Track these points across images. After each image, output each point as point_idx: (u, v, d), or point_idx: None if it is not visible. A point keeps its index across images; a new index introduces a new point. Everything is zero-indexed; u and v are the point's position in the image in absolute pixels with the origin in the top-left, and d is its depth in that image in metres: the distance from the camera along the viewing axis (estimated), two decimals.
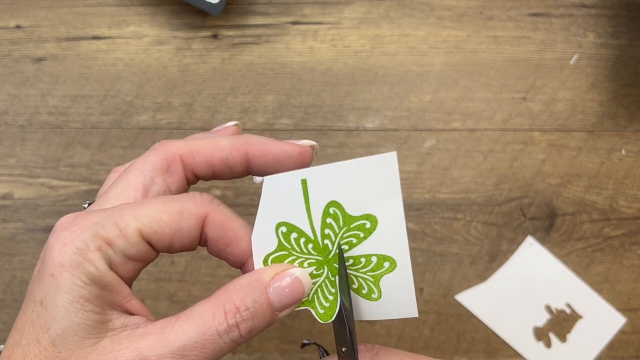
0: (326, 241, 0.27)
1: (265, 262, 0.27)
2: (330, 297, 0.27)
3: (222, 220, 0.26)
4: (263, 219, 0.27)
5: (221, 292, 0.25)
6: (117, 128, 0.50)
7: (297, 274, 0.26)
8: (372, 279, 0.27)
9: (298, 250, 0.27)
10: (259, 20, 0.51)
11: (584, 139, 0.50)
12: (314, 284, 0.27)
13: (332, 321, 0.27)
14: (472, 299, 0.48)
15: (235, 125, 0.30)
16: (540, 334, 0.48)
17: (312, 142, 0.29)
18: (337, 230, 0.26)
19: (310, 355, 0.48)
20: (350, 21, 0.51)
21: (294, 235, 0.27)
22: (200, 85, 0.50)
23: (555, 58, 0.51)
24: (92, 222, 0.24)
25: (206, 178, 0.29)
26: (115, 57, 0.50)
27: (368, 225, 0.26)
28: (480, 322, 0.48)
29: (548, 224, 0.49)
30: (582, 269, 0.49)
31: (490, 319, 0.48)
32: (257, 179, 0.28)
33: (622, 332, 0.48)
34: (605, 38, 0.51)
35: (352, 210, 0.26)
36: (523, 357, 0.48)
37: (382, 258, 0.26)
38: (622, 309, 0.48)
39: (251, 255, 0.27)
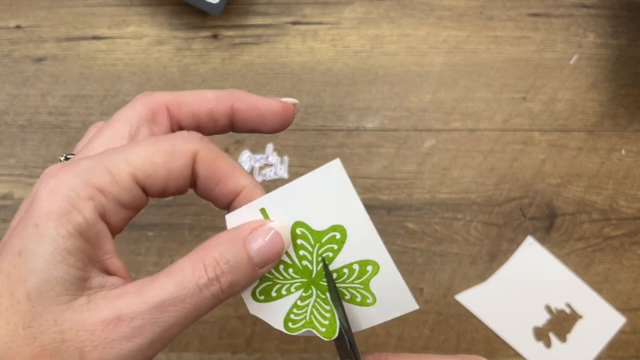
0: (304, 262, 0.27)
1: (253, 296, 0.27)
2: (327, 314, 0.27)
3: (213, 158, 0.25)
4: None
5: (200, 248, 0.24)
6: None
7: (276, 227, 0.25)
8: (361, 286, 0.27)
9: (281, 277, 0.27)
10: (259, 20, 0.51)
11: (584, 139, 0.50)
12: (306, 305, 0.27)
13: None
14: (472, 299, 0.48)
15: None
16: (540, 334, 0.48)
17: (295, 100, 0.29)
18: (310, 249, 0.26)
19: (310, 355, 0.48)
20: (350, 21, 0.51)
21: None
22: (200, 85, 0.50)
23: (555, 58, 0.51)
24: (82, 168, 0.23)
25: (189, 129, 0.28)
26: (115, 57, 0.50)
27: (338, 236, 0.26)
28: (480, 322, 0.48)
29: (548, 224, 0.49)
30: (582, 269, 0.49)
31: (490, 319, 0.48)
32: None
33: (622, 332, 0.48)
34: (605, 38, 0.51)
35: (318, 225, 0.26)
36: (523, 357, 0.48)
37: (363, 263, 0.26)
38: (622, 309, 0.48)
39: (238, 194, 0.26)
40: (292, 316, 0.27)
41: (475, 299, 0.48)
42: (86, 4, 0.51)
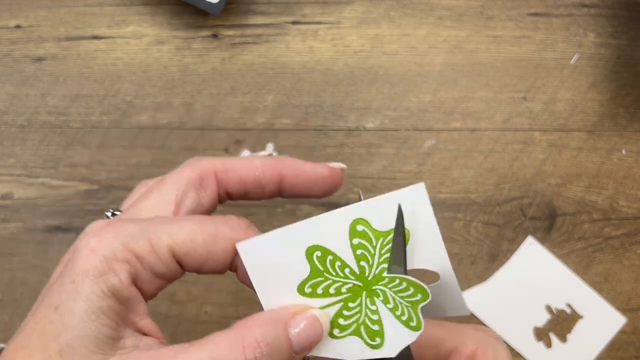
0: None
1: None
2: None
3: None
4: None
5: (240, 325, 0.24)
6: (117, 128, 0.50)
7: (317, 314, 0.25)
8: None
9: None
10: (259, 20, 0.51)
11: (584, 139, 0.50)
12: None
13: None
14: (472, 299, 0.48)
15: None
16: (541, 334, 0.48)
17: (342, 165, 0.29)
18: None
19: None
20: (350, 21, 0.51)
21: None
22: (200, 85, 0.50)
23: (555, 58, 0.51)
24: (125, 232, 0.24)
25: (237, 197, 0.28)
26: (115, 56, 0.50)
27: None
28: (480, 322, 0.48)
29: (548, 224, 0.49)
30: (583, 269, 0.49)
31: (490, 319, 0.48)
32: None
33: (622, 332, 0.48)
34: (606, 38, 0.51)
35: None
36: (523, 357, 0.48)
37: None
38: (622, 309, 0.48)
39: None
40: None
41: (476, 299, 0.48)
42: (86, 4, 0.51)
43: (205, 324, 0.47)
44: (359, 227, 0.25)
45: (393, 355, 0.25)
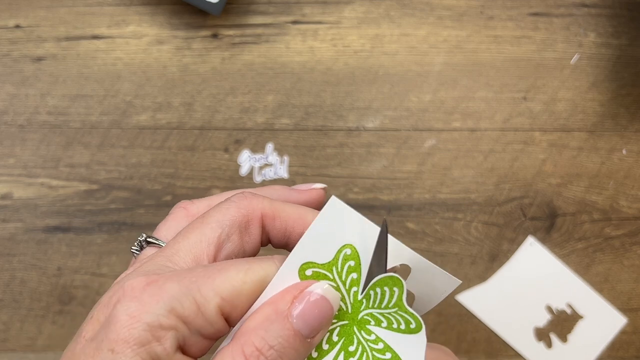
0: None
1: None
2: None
3: None
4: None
5: (239, 333, 0.22)
6: (116, 128, 0.50)
7: (319, 291, 0.23)
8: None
9: (341, 282, 0.24)
10: (259, 19, 0.51)
11: (585, 139, 0.50)
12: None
13: None
14: (473, 299, 0.48)
15: (323, 189, 0.28)
16: (541, 334, 0.48)
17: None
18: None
19: None
20: (351, 21, 0.51)
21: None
22: (200, 85, 0.50)
23: (555, 58, 0.51)
24: (169, 294, 0.21)
25: (277, 245, 0.26)
26: (115, 56, 0.50)
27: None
28: (480, 322, 0.48)
29: (549, 224, 0.49)
30: (583, 269, 0.49)
31: (490, 319, 0.48)
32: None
33: (623, 332, 0.48)
34: (606, 38, 0.51)
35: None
36: (524, 358, 0.48)
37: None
38: (622, 309, 0.48)
39: None
40: None
41: (476, 299, 0.48)
42: (86, 4, 0.51)
43: None
44: (308, 272, 0.24)
45: None
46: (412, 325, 0.24)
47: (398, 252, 0.25)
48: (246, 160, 0.49)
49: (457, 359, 0.28)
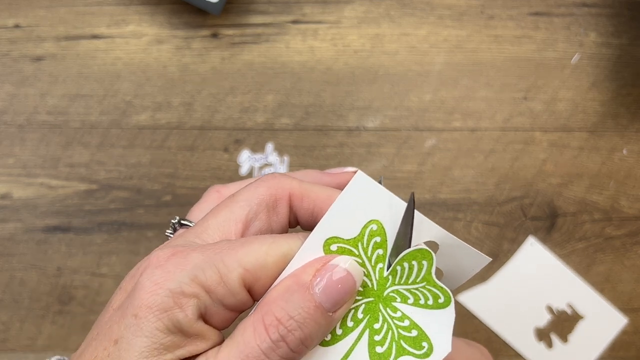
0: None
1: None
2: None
3: None
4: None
5: (261, 304, 0.22)
6: (116, 128, 0.50)
7: (341, 263, 0.23)
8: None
9: (367, 258, 0.24)
10: (258, 19, 0.51)
11: (585, 139, 0.50)
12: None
13: None
14: (473, 299, 0.48)
15: (354, 172, 0.28)
16: (542, 335, 0.48)
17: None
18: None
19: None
20: (351, 20, 0.51)
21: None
22: (200, 84, 0.50)
23: (556, 57, 0.50)
24: (192, 263, 0.22)
25: (306, 226, 0.26)
26: (115, 56, 0.50)
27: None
28: (481, 322, 0.48)
29: (549, 224, 0.49)
30: (584, 269, 0.48)
31: (491, 320, 0.48)
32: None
33: (623, 332, 0.48)
34: (606, 37, 0.51)
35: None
36: (524, 358, 0.47)
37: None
38: (623, 309, 0.48)
39: None
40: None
41: (477, 300, 0.48)
42: (85, 3, 0.51)
43: None
44: (333, 247, 0.24)
45: (449, 349, 0.23)
46: (441, 300, 0.24)
47: (425, 228, 0.24)
48: (246, 160, 0.49)
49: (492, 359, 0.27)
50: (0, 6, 0.51)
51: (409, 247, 0.23)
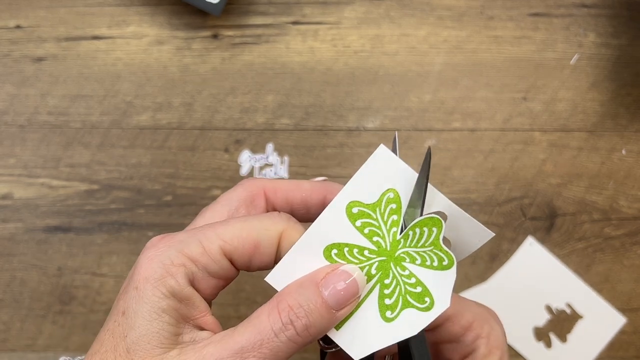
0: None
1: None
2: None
3: (297, 237, 0.27)
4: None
5: (276, 296, 0.26)
6: (117, 128, 0.50)
7: (349, 270, 0.26)
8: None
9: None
10: (259, 20, 0.51)
11: (585, 139, 0.50)
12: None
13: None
14: (473, 298, 0.48)
15: (324, 179, 0.32)
16: (541, 334, 0.48)
17: None
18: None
19: (311, 355, 0.48)
20: (351, 21, 0.51)
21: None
22: (200, 85, 0.50)
23: (555, 58, 0.51)
24: (178, 240, 0.26)
25: (301, 219, 0.30)
26: (115, 57, 0.50)
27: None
28: None
29: (548, 224, 0.49)
30: (583, 269, 0.49)
31: None
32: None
33: (622, 332, 0.48)
34: (606, 38, 0.51)
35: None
36: (523, 357, 0.48)
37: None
38: (622, 309, 0.48)
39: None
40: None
41: (476, 299, 0.48)
42: (86, 4, 0.51)
43: None
44: (354, 210, 0.27)
45: (448, 304, 0.26)
46: (445, 263, 0.27)
47: (435, 199, 0.27)
48: (246, 160, 0.49)
49: (501, 322, 0.31)
50: (1, 7, 0.51)
51: (424, 199, 0.27)
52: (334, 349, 0.29)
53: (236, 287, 0.48)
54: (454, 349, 0.31)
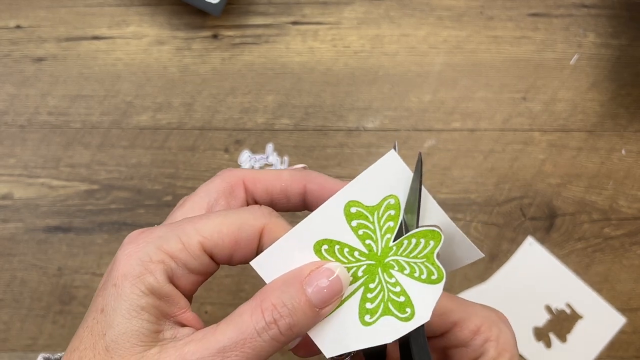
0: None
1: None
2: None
3: (279, 232, 0.26)
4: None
5: (259, 293, 0.26)
6: (117, 128, 0.50)
7: (333, 268, 0.26)
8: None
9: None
10: (259, 20, 0.51)
11: (584, 139, 0.50)
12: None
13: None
14: (472, 299, 0.48)
15: (303, 167, 0.32)
16: (541, 334, 0.48)
17: None
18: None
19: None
20: (351, 21, 0.51)
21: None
22: (200, 85, 0.50)
23: (555, 58, 0.51)
24: (156, 235, 0.26)
25: (264, 205, 0.30)
26: (115, 57, 0.50)
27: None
28: None
29: (548, 224, 0.49)
30: (582, 269, 0.49)
31: None
32: None
33: (622, 332, 0.48)
34: (605, 38, 0.51)
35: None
36: (523, 357, 0.48)
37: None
38: (622, 309, 0.48)
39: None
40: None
41: (476, 299, 0.48)
42: (86, 4, 0.51)
43: (206, 323, 0.47)
44: (353, 209, 0.27)
45: (428, 318, 0.26)
46: (434, 277, 0.26)
47: (431, 212, 0.27)
48: (246, 160, 0.49)
49: (510, 325, 0.30)
50: (1, 7, 0.51)
51: (419, 206, 0.26)
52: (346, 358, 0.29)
53: (236, 287, 0.48)
54: (463, 354, 0.30)
